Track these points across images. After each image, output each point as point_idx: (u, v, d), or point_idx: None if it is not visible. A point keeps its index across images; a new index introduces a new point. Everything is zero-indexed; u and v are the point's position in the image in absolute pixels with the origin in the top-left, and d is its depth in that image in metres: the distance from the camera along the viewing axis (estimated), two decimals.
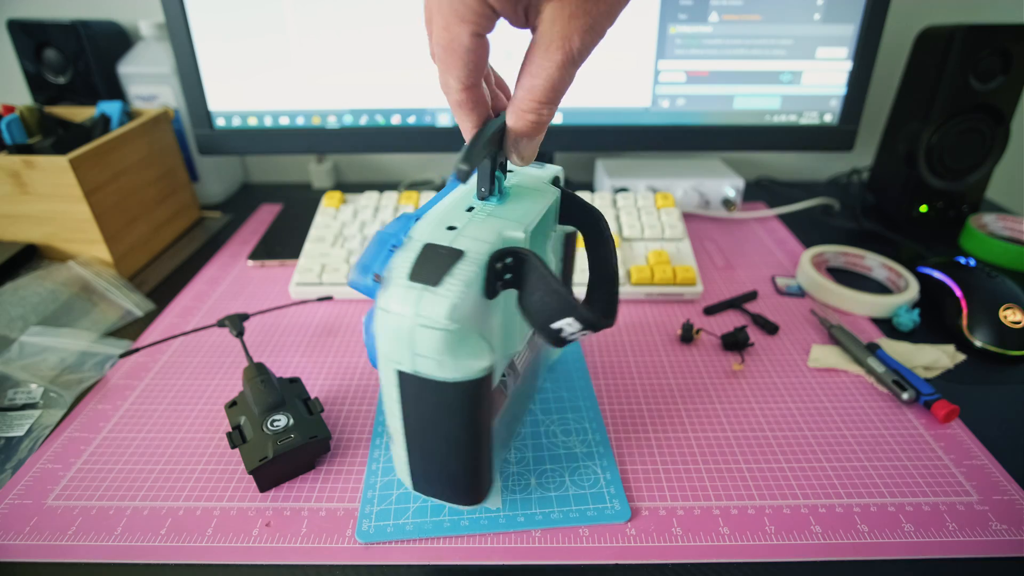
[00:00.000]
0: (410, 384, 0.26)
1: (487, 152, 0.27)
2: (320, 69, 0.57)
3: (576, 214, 0.32)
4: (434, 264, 0.25)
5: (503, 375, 0.32)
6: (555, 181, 0.32)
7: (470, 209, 0.29)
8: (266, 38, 0.55)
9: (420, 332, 0.24)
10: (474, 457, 0.28)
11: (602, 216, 0.31)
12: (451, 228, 0.27)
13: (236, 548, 0.31)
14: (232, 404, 0.37)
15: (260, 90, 0.58)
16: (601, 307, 0.29)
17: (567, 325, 0.24)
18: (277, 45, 0.56)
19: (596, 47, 0.25)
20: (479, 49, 0.25)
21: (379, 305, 0.24)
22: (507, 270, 0.26)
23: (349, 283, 0.28)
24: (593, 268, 0.31)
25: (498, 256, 0.25)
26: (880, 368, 0.42)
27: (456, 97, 0.26)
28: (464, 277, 0.24)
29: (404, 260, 0.25)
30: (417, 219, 0.28)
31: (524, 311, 0.26)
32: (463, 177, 0.24)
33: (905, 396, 0.40)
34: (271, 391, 0.36)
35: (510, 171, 0.33)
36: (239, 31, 0.55)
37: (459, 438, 0.27)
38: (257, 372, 0.38)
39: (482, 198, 0.29)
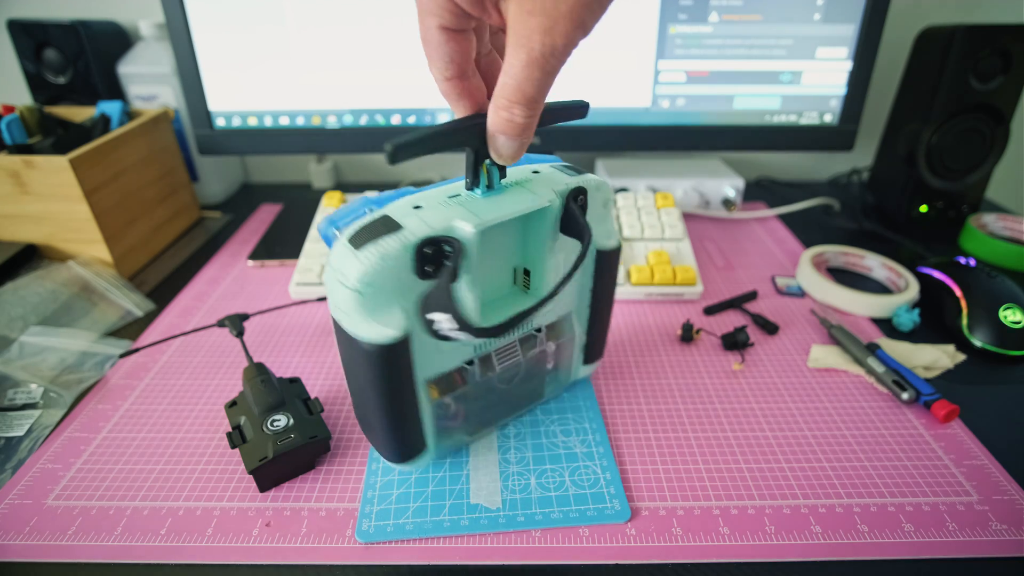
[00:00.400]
0: (338, 330, 0.29)
1: (445, 143, 0.26)
2: (320, 64, 0.57)
3: (572, 227, 0.31)
4: (370, 232, 0.26)
5: (468, 362, 0.33)
6: (576, 191, 0.31)
7: (454, 196, 0.29)
8: (265, 31, 0.55)
9: (337, 287, 0.27)
10: (388, 416, 0.30)
11: (587, 239, 0.29)
12: (417, 207, 0.28)
13: (236, 548, 0.31)
14: (232, 404, 0.37)
15: (260, 87, 0.58)
16: (504, 319, 0.27)
17: (439, 320, 0.26)
18: (276, 39, 0.56)
19: (567, 51, 0.23)
20: (451, 43, 0.24)
21: (328, 256, 0.27)
22: (443, 256, 0.27)
23: (318, 229, 0.30)
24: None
25: (429, 241, 0.27)
26: (880, 368, 0.42)
27: (440, 87, 0.27)
28: (384, 249, 0.26)
29: (358, 223, 0.27)
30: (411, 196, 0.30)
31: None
32: (387, 158, 0.25)
33: (905, 396, 0.40)
34: (271, 391, 0.36)
35: (536, 171, 0.32)
36: (237, 23, 0.55)
37: (372, 393, 0.29)
38: (257, 372, 0.38)
39: (468, 188, 0.30)
